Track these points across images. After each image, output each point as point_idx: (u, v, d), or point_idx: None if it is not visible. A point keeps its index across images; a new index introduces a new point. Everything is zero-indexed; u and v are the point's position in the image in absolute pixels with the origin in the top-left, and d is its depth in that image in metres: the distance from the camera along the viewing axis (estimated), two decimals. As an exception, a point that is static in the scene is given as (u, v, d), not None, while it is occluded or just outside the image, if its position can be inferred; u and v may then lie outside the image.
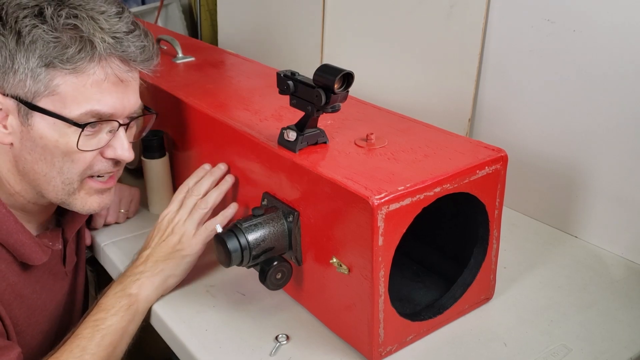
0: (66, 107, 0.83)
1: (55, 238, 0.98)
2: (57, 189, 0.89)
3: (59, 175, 0.87)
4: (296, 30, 1.63)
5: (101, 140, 0.88)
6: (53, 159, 0.86)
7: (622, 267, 1.01)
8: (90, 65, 0.82)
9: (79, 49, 0.81)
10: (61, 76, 0.82)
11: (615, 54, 0.98)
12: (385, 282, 0.76)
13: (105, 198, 0.94)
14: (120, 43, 0.84)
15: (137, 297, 0.91)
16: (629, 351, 0.83)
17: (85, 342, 0.86)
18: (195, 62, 1.31)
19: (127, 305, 0.90)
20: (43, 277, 0.97)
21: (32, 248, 0.91)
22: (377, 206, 0.72)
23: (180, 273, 0.95)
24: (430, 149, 0.85)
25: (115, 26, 0.84)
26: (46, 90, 0.82)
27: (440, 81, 1.26)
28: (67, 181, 0.88)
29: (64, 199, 0.90)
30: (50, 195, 0.90)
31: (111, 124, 0.87)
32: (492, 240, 0.88)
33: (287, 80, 0.83)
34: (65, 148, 0.85)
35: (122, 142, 0.89)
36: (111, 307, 0.89)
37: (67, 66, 0.81)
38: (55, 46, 0.80)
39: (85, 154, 0.87)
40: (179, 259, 0.94)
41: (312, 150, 0.85)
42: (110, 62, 0.84)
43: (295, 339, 0.86)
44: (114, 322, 0.88)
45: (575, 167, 1.07)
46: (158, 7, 2.12)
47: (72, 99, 0.83)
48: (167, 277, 0.94)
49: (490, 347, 0.84)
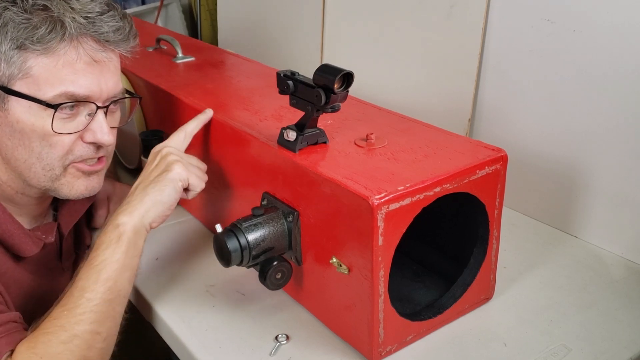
0: (40, 89, 0.83)
1: (49, 231, 0.97)
2: (39, 175, 0.88)
3: (38, 161, 0.87)
4: (296, 30, 1.63)
5: (79, 123, 0.87)
6: (31, 144, 0.85)
7: (622, 267, 1.01)
8: (61, 45, 0.82)
9: (50, 29, 0.81)
10: (33, 58, 0.82)
11: (615, 54, 0.98)
12: (385, 282, 0.76)
13: (92, 181, 0.93)
14: (92, 23, 0.84)
15: (125, 226, 0.85)
16: (629, 351, 0.83)
17: (82, 282, 0.82)
18: (195, 62, 1.31)
19: (117, 237, 0.84)
20: (38, 270, 0.97)
21: (21, 239, 0.90)
22: (377, 206, 0.72)
23: (165, 199, 0.89)
24: (430, 149, 0.85)
25: (87, 6, 0.84)
26: (20, 73, 0.82)
27: (440, 81, 1.26)
28: (47, 167, 0.87)
29: (48, 185, 0.89)
30: (33, 182, 0.89)
31: (89, 107, 0.87)
32: (492, 240, 0.88)
33: (287, 80, 0.83)
34: (41, 131, 0.84)
35: (101, 125, 0.88)
36: (101, 242, 0.85)
37: (38, 47, 0.81)
38: (25, 27, 0.80)
39: (63, 138, 0.86)
40: (162, 183, 0.89)
41: (312, 150, 0.85)
42: (83, 42, 0.84)
43: (295, 339, 0.86)
44: (107, 255, 0.83)
45: (575, 167, 1.07)
46: (158, 7, 2.12)
47: (45, 80, 0.83)
48: (153, 204, 0.87)
49: (490, 347, 0.84)
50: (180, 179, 0.90)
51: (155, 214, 0.88)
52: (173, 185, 0.89)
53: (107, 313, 0.81)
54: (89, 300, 0.80)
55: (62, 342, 0.77)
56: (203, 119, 1.01)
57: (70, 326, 0.78)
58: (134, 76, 1.22)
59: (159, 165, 0.92)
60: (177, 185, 0.90)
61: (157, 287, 0.99)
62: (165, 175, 0.89)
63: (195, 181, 0.92)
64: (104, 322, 0.81)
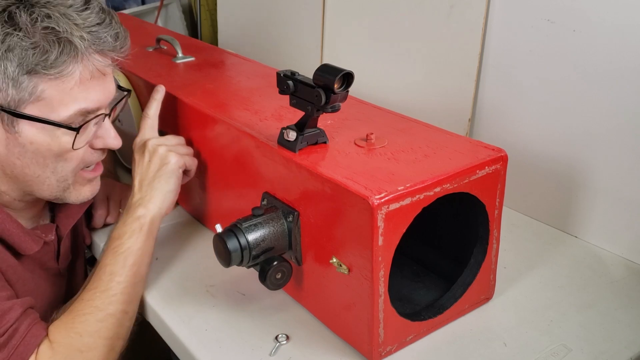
0: (54, 111, 0.83)
1: (48, 231, 0.98)
2: (52, 187, 0.90)
3: (53, 175, 0.89)
4: (296, 30, 1.63)
5: (89, 133, 0.89)
6: (46, 161, 0.87)
7: (622, 267, 1.01)
8: (73, 65, 0.82)
9: (60, 51, 0.80)
10: (45, 81, 0.81)
11: (615, 54, 0.98)
12: (385, 282, 0.76)
13: (95, 185, 0.97)
14: (97, 37, 0.84)
15: (145, 218, 0.94)
16: (629, 351, 0.83)
17: (110, 267, 0.90)
18: (195, 62, 1.31)
19: (138, 227, 0.93)
20: (35, 270, 0.97)
21: (20, 237, 0.91)
22: (377, 206, 0.72)
23: (172, 187, 0.98)
24: (430, 148, 0.85)
25: (88, 19, 0.83)
26: (31, 97, 0.81)
27: (440, 81, 1.26)
28: (61, 179, 0.90)
29: (59, 194, 0.92)
30: (44, 193, 0.91)
31: (97, 117, 0.88)
32: (492, 240, 0.88)
33: (287, 80, 0.83)
34: (58, 150, 0.86)
35: (109, 131, 0.92)
36: (124, 233, 0.92)
37: (51, 72, 0.80)
38: (34, 52, 0.79)
39: (78, 151, 0.88)
40: (166, 175, 0.97)
41: (312, 150, 0.85)
42: (91, 57, 0.84)
43: (295, 339, 0.86)
44: (131, 243, 0.92)
45: (575, 167, 1.07)
46: (158, 7, 2.12)
47: (59, 102, 0.83)
48: (164, 195, 0.96)
49: (490, 347, 0.84)
50: (179, 166, 0.99)
51: (167, 203, 0.97)
52: (175, 174, 0.98)
53: (134, 294, 0.91)
54: (119, 284, 0.89)
55: (99, 321, 0.86)
56: (159, 98, 1.05)
57: (104, 306, 0.87)
58: (134, 76, 1.22)
59: (152, 161, 0.98)
60: (178, 173, 0.99)
61: (157, 287, 0.99)
62: (165, 168, 0.97)
63: (189, 161, 1.02)
64: (131, 302, 0.91)
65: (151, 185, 0.96)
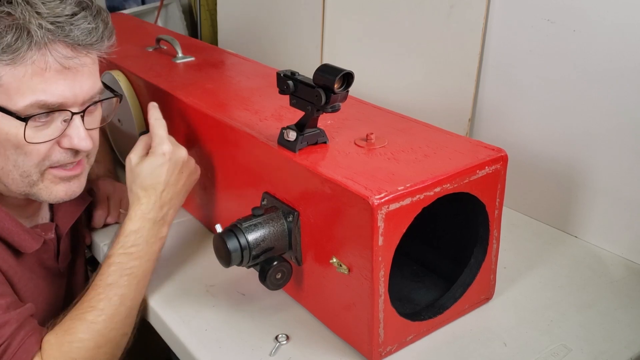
0: (11, 99, 0.80)
1: (47, 229, 0.98)
2: (17, 181, 0.87)
3: (15, 169, 0.85)
4: (296, 30, 1.63)
5: (55, 130, 0.85)
6: (6, 152, 0.84)
7: (622, 267, 1.01)
8: (28, 54, 0.79)
9: (15, 37, 0.78)
10: (1, 67, 0.79)
11: (615, 54, 0.98)
12: (385, 282, 0.76)
13: (72, 185, 0.91)
14: (61, 28, 0.80)
15: (166, 237, 0.94)
16: (629, 351, 0.83)
17: (122, 290, 0.88)
18: (195, 62, 1.31)
19: (158, 248, 0.93)
20: (35, 268, 0.97)
21: (20, 235, 0.90)
22: (377, 206, 0.72)
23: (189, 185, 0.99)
24: (430, 148, 0.85)
25: (55, 10, 0.80)
26: None
27: (440, 81, 1.26)
28: (24, 174, 0.86)
29: (26, 190, 0.88)
30: (12, 187, 0.88)
31: (64, 113, 0.84)
32: (492, 240, 0.88)
33: (287, 80, 0.83)
34: (15, 141, 0.83)
35: (78, 131, 0.86)
36: (145, 253, 0.90)
37: (4, 57, 0.78)
38: None
39: (38, 146, 0.84)
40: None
41: (312, 150, 0.85)
42: (52, 49, 0.80)
43: (295, 339, 0.86)
44: (149, 266, 0.92)
45: (575, 167, 1.07)
46: (158, 7, 2.12)
47: (15, 90, 0.80)
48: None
49: (490, 347, 0.84)
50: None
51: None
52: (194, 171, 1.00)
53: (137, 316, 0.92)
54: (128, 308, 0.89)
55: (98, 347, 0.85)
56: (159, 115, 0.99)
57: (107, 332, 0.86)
58: (134, 76, 1.22)
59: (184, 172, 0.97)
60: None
61: (157, 287, 0.99)
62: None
63: None
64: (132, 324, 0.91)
65: (176, 198, 0.95)
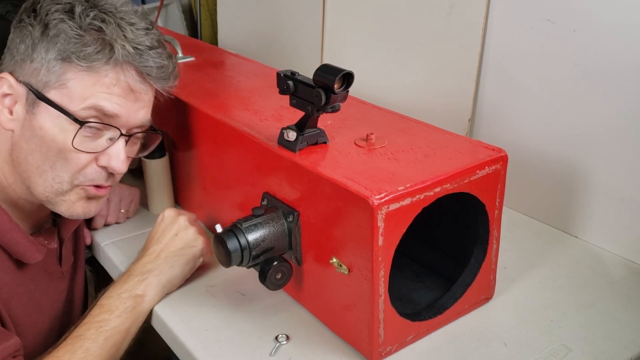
0: (72, 101, 0.84)
1: (50, 237, 0.97)
2: (47, 183, 0.87)
3: (51, 170, 0.86)
4: (296, 30, 1.63)
5: (99, 145, 0.87)
6: (47, 152, 0.85)
7: (622, 267, 1.01)
8: (105, 67, 0.83)
9: (98, 50, 0.83)
10: (74, 71, 0.83)
11: (615, 54, 0.98)
12: (385, 282, 0.76)
13: (91, 206, 0.92)
14: (140, 55, 0.85)
15: (143, 298, 0.91)
16: (629, 351, 0.83)
17: (89, 343, 0.86)
18: (195, 62, 1.31)
19: (132, 306, 0.90)
20: (38, 276, 0.97)
21: (26, 247, 0.90)
22: (377, 206, 0.72)
23: (187, 272, 0.97)
24: (430, 149, 0.85)
25: (139, 38, 0.85)
26: (57, 83, 0.83)
27: (440, 81, 1.26)
28: (57, 178, 0.87)
29: (51, 197, 0.89)
30: (38, 189, 0.88)
31: (112, 131, 0.87)
32: (492, 240, 0.88)
33: (287, 80, 0.83)
34: (62, 144, 0.85)
35: (119, 152, 0.88)
36: (115, 308, 0.89)
37: (82, 63, 0.82)
38: (76, 43, 0.82)
39: (80, 155, 0.86)
40: (186, 257, 0.96)
41: (312, 150, 0.85)
42: (126, 70, 0.85)
43: (295, 339, 0.86)
44: (118, 323, 0.88)
45: (575, 167, 1.07)
46: (158, 7, 2.12)
47: (79, 94, 0.83)
48: (175, 276, 0.95)
49: (490, 347, 0.84)
50: (202, 255, 0.98)
51: (176, 285, 0.96)
52: (195, 261, 0.98)
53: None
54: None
55: None
56: None
57: None
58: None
59: (179, 236, 0.97)
60: (198, 262, 0.99)
61: (157, 287, 0.99)
62: (189, 251, 0.97)
63: (208, 250, 0.99)
64: None
65: (168, 260, 0.94)
